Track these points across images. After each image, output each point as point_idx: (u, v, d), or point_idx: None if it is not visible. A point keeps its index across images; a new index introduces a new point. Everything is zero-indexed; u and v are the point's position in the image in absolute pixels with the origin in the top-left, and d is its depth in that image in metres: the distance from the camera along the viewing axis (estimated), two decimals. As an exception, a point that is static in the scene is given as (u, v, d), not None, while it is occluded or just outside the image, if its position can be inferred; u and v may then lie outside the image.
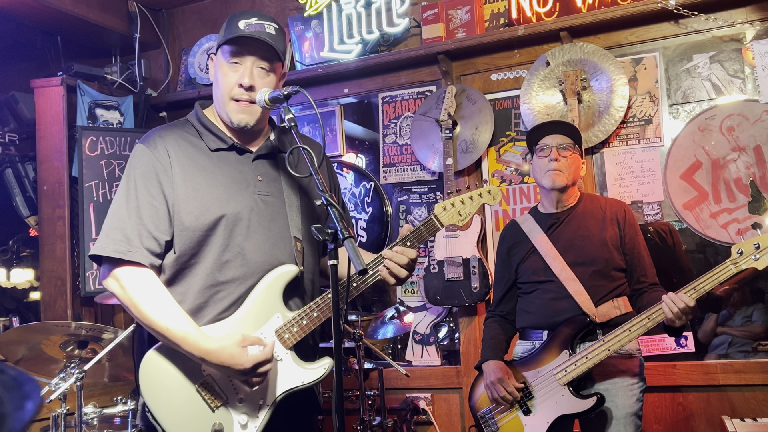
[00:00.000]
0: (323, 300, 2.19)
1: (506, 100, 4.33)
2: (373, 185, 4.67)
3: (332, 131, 4.79)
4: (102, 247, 2.13)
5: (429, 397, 4.34)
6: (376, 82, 4.68)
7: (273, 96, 2.15)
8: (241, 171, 2.23)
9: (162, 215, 2.14)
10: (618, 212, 3.07)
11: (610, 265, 2.98)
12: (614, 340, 2.79)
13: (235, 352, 2.07)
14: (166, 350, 2.15)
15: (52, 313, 4.58)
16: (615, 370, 2.91)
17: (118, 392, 3.75)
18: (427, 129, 4.41)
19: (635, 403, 2.90)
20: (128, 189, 2.17)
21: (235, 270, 2.16)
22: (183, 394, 2.14)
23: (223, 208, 2.16)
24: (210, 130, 2.26)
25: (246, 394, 2.14)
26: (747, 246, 2.59)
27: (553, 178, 3.01)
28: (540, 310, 3.02)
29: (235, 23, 2.18)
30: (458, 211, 2.35)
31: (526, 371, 2.98)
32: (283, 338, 2.17)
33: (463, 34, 4.33)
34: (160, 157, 2.17)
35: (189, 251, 2.16)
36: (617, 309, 2.95)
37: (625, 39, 4.04)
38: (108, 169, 4.65)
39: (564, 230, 3.05)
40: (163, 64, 5.32)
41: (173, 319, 2.08)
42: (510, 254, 3.17)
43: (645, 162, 3.97)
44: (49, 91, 4.71)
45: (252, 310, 2.16)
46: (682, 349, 3.86)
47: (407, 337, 4.52)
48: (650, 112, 3.97)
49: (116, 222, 2.15)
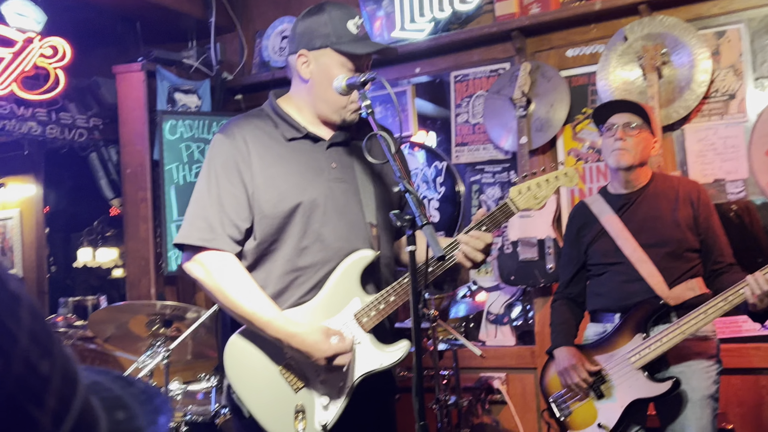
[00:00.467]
0: (400, 284, 2.21)
1: (582, 77, 4.24)
2: (445, 165, 4.66)
3: (404, 111, 4.79)
4: (186, 235, 2.20)
5: (503, 376, 4.34)
6: (448, 61, 4.64)
7: (350, 82, 2.16)
8: (316, 159, 2.27)
9: (242, 203, 2.20)
10: (691, 192, 3.00)
11: (684, 246, 2.91)
12: (689, 323, 2.73)
13: (318, 338, 2.11)
14: (250, 334, 2.21)
15: (136, 292, 4.75)
16: (690, 352, 2.85)
17: (201, 369, 3.88)
18: (500, 107, 4.36)
19: (712, 385, 2.85)
20: (209, 178, 2.22)
21: (313, 255, 2.21)
22: (266, 377, 2.20)
23: (299, 196, 2.20)
24: (285, 120, 2.29)
25: (327, 376, 2.19)
26: None
27: (618, 157, 2.95)
28: (611, 292, 2.97)
29: (344, 24, 2.20)
30: (534, 195, 2.33)
31: (599, 355, 2.94)
32: (361, 322, 2.21)
33: (537, 9, 4.25)
34: (238, 147, 2.21)
35: (269, 238, 2.21)
36: (692, 290, 2.88)
37: (707, 11, 3.89)
38: (188, 152, 4.77)
39: (635, 211, 2.99)
40: (238, 47, 5.40)
41: (259, 304, 2.14)
42: (579, 235, 3.11)
43: (728, 138, 3.84)
44: (129, 76, 4.86)
45: (332, 295, 2.21)
46: (766, 330, 3.75)
47: (480, 317, 4.52)
48: (734, 87, 3.83)
49: (199, 210, 2.21)
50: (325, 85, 2.23)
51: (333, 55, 2.21)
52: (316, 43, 2.22)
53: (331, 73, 2.21)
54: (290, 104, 2.33)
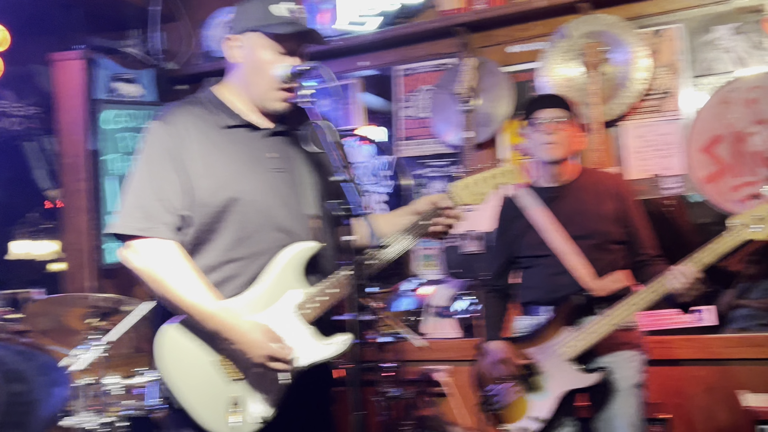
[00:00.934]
0: (342, 276, 2.20)
1: (525, 73, 4.29)
2: (391, 158, 4.67)
3: (350, 104, 4.78)
4: (122, 224, 2.14)
5: (447, 369, 4.37)
6: (394, 55, 4.65)
7: (294, 71, 2.14)
8: (255, 147, 2.23)
9: (178, 191, 2.15)
10: (617, 186, 3.07)
11: (609, 239, 2.98)
12: (617, 314, 2.79)
13: (259, 337, 2.09)
14: (183, 324, 2.16)
15: (74, 285, 4.64)
16: (617, 342, 2.91)
17: (140, 363, 3.80)
18: (446, 102, 4.39)
19: (638, 374, 2.92)
20: (145, 164, 2.18)
21: (252, 246, 2.18)
22: (200, 368, 2.16)
23: (238, 185, 2.16)
24: (223, 107, 2.25)
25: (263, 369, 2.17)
26: (746, 217, 2.58)
27: (549, 151, 3.00)
28: (541, 285, 3.02)
29: (274, 6, 2.17)
30: (474, 191, 2.35)
31: (530, 347, 2.98)
32: (304, 313, 2.19)
33: (482, 5, 4.29)
34: (176, 134, 2.17)
35: (206, 227, 2.17)
36: (617, 282, 2.95)
37: (646, 10, 3.98)
38: (127, 142, 4.67)
39: (562, 204, 3.04)
40: (182, 36, 5.31)
41: (201, 296, 2.10)
42: (508, 227, 3.15)
43: (665, 135, 3.93)
44: (68, 64, 4.73)
45: (273, 286, 2.18)
46: (701, 322, 3.86)
47: (424, 310, 4.54)
48: (671, 85, 3.92)
49: (135, 199, 2.16)
50: (253, 69, 2.20)
51: (260, 37, 2.18)
52: (245, 26, 2.20)
53: (258, 55, 2.18)
54: (226, 91, 2.29)
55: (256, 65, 2.19)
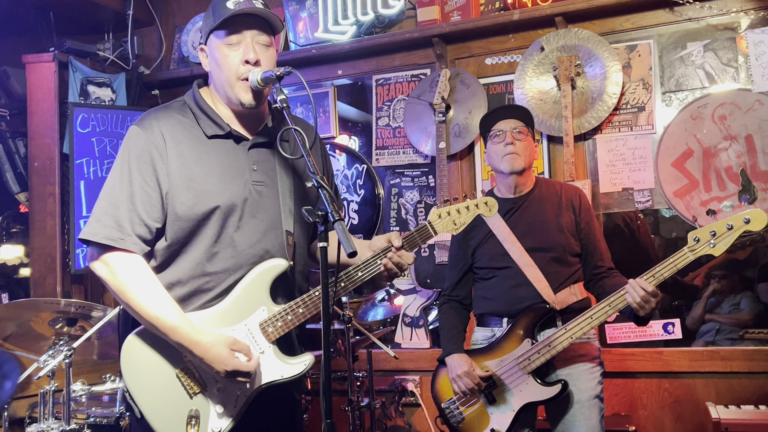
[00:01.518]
0: (310, 297, 2.19)
1: (500, 85, 4.32)
2: (366, 167, 4.67)
3: (325, 112, 4.78)
4: (93, 232, 2.11)
5: (417, 379, 4.37)
6: (370, 64, 4.66)
7: (265, 76, 2.13)
8: (237, 159, 2.21)
9: (155, 202, 2.12)
10: (573, 197, 3.09)
11: (567, 251, 3.00)
12: (576, 327, 2.81)
13: (222, 352, 2.07)
14: (149, 334, 2.15)
15: (41, 290, 4.58)
16: (575, 354, 2.94)
17: (107, 370, 3.76)
18: (421, 112, 4.40)
19: (597, 386, 2.94)
20: (122, 172, 2.14)
21: (224, 261, 2.16)
22: (162, 379, 2.14)
23: (216, 199, 2.14)
24: (207, 114, 2.22)
25: (225, 384, 2.15)
26: (703, 233, 2.63)
27: (512, 161, 3.01)
28: (500, 296, 3.02)
29: (223, 5, 2.15)
30: (453, 220, 2.36)
31: (489, 360, 2.97)
32: (266, 332, 2.17)
33: (458, 17, 4.32)
34: (155, 141, 2.14)
35: (180, 240, 2.15)
36: (574, 295, 2.97)
37: (620, 25, 4.04)
38: (99, 146, 4.63)
39: (521, 216, 3.05)
40: (156, 41, 5.28)
41: (164, 308, 2.08)
42: (467, 238, 3.14)
43: (637, 149, 3.98)
44: (40, 66, 4.68)
45: (238, 302, 2.16)
46: (670, 335, 3.90)
47: (397, 320, 4.54)
48: (643, 100, 3.98)
49: (108, 207, 2.13)
50: (216, 68, 2.20)
51: (214, 37, 2.19)
52: (206, 32, 2.22)
53: (216, 53, 2.18)
54: (210, 98, 2.28)
55: (218, 63, 2.19)
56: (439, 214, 2.35)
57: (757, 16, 3.75)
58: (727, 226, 2.60)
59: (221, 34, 2.16)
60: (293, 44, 4.80)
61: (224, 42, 2.16)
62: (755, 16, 3.76)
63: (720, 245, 2.61)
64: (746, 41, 3.75)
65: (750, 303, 4.01)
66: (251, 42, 2.16)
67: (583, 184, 3.86)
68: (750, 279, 4.05)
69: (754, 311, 3.97)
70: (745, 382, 3.70)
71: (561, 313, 2.94)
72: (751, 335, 3.90)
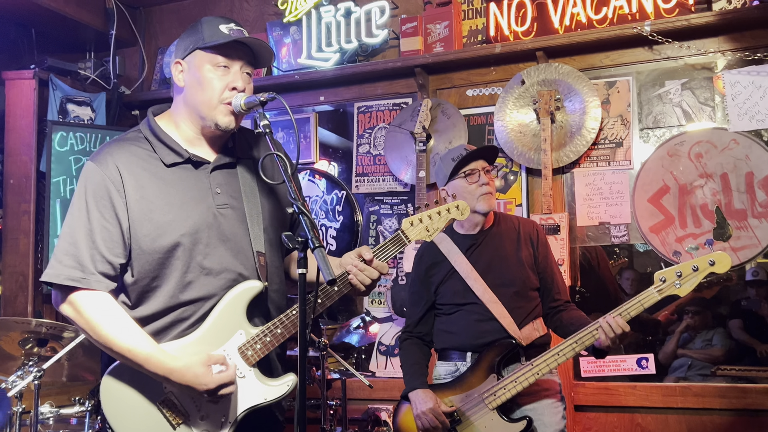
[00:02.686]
0: (287, 317, 2.16)
1: (481, 116, 4.36)
2: (345, 194, 4.67)
3: (306, 138, 4.79)
4: (55, 273, 2.08)
5: (391, 409, 4.33)
6: (352, 92, 4.69)
7: (249, 101, 2.12)
8: (199, 185, 2.18)
9: (116, 238, 2.09)
10: (531, 232, 3.10)
11: (528, 286, 3.00)
12: (543, 363, 2.80)
13: (199, 371, 2.04)
14: (126, 369, 2.11)
15: (12, 309, 4.50)
16: (539, 390, 2.92)
17: (76, 392, 3.69)
18: (401, 141, 4.43)
19: (560, 420, 2.94)
20: (80, 210, 2.11)
21: (198, 289, 2.13)
22: (144, 412, 2.11)
23: (180, 229, 2.11)
24: (164, 142, 2.19)
25: (208, 411, 2.12)
26: (669, 274, 2.68)
27: (489, 201, 3.02)
28: (464, 330, 2.99)
29: (215, 27, 2.15)
30: (426, 227, 2.35)
31: (453, 395, 2.94)
32: (246, 355, 2.14)
33: (440, 48, 4.36)
34: (111, 177, 2.10)
35: (149, 274, 2.12)
36: (537, 331, 2.97)
37: (599, 62, 4.10)
38: (77, 165, 4.59)
39: (482, 252, 3.05)
40: (138, 62, 5.28)
41: (134, 341, 2.05)
42: (429, 274, 3.11)
43: (614, 184, 4.02)
44: (20, 83, 4.65)
45: (214, 327, 2.13)
46: (643, 370, 3.91)
47: (372, 348, 4.52)
48: (621, 135, 4.03)
49: (68, 246, 2.09)
50: (197, 86, 2.16)
51: (201, 54, 2.16)
52: (188, 48, 2.19)
53: (201, 73, 2.15)
54: (170, 122, 2.24)
55: (199, 81, 2.15)
56: (411, 221, 2.34)
57: (734, 57, 3.83)
58: (692, 268, 2.65)
59: (210, 55, 2.15)
60: (276, 69, 4.82)
61: (213, 63, 2.14)
62: (732, 57, 3.84)
63: (686, 286, 2.66)
64: (723, 81, 3.82)
65: (722, 339, 4.05)
66: (239, 71, 2.16)
67: (560, 217, 3.89)
68: (722, 315, 4.10)
69: (726, 347, 4.01)
70: (717, 419, 3.71)
71: (525, 348, 2.92)
72: (723, 371, 3.93)
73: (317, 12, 4.66)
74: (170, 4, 5.27)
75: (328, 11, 4.62)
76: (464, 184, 3.04)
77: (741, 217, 3.74)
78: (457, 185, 3.06)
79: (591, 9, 4.05)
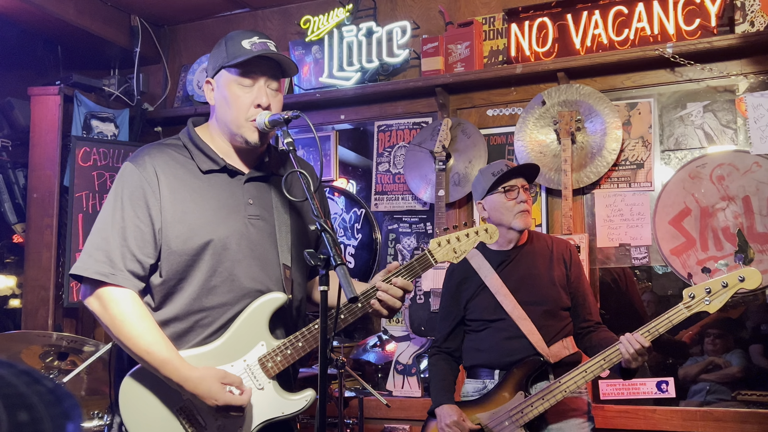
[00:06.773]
0: (309, 330, 2.17)
1: (501, 136, 4.37)
2: (364, 212, 4.69)
3: (326, 156, 4.81)
4: (84, 267, 2.10)
5: (408, 428, 4.32)
6: (373, 111, 4.71)
7: (273, 119, 2.14)
8: (232, 194, 2.21)
9: (147, 238, 2.12)
10: (564, 252, 3.10)
11: (559, 305, 3.00)
12: (571, 381, 2.79)
13: (213, 386, 2.05)
14: (146, 374, 2.12)
15: (33, 323, 4.53)
16: (566, 408, 2.91)
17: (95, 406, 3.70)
18: (421, 159, 4.44)
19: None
20: (114, 208, 2.14)
21: (222, 296, 2.14)
22: (162, 419, 2.11)
23: (211, 233, 2.13)
24: (202, 150, 2.23)
25: (225, 422, 2.12)
26: (698, 290, 2.67)
27: (526, 219, 3.04)
28: (493, 348, 2.99)
29: (238, 43, 2.17)
30: (453, 248, 2.33)
31: (480, 412, 2.94)
32: (266, 367, 2.15)
33: (461, 68, 4.38)
34: (148, 178, 2.14)
35: (176, 275, 2.14)
36: (566, 349, 2.97)
37: (621, 83, 4.10)
38: (99, 180, 4.64)
39: (514, 269, 3.05)
40: (162, 79, 5.34)
41: (155, 343, 2.06)
42: (459, 290, 3.13)
43: (635, 205, 4.00)
44: (45, 99, 4.72)
45: (236, 337, 2.14)
46: (663, 394, 3.87)
47: (389, 367, 4.50)
48: (642, 157, 4.02)
49: (100, 242, 2.12)
50: (224, 104, 2.20)
51: (226, 74, 2.19)
52: (216, 67, 2.22)
53: (227, 92, 2.18)
54: (206, 133, 2.28)
55: (226, 100, 2.19)
56: (438, 242, 2.31)
57: (756, 80, 3.82)
58: (722, 284, 2.64)
59: (234, 72, 2.17)
60: (297, 88, 4.85)
61: (236, 81, 2.17)
62: (754, 80, 3.82)
63: (715, 302, 2.64)
64: (745, 104, 3.80)
65: (742, 362, 4.00)
66: (264, 86, 2.18)
67: (580, 238, 3.87)
68: (743, 339, 4.05)
69: (746, 372, 3.96)
70: (739, 444, 3.66)
71: (553, 366, 2.92)
72: (744, 397, 3.88)
73: (339, 31, 4.69)
74: (194, 22, 5.33)
75: (350, 31, 4.66)
76: (502, 200, 3.06)
77: (763, 240, 3.71)
78: (495, 200, 3.07)
79: (613, 31, 4.06)
